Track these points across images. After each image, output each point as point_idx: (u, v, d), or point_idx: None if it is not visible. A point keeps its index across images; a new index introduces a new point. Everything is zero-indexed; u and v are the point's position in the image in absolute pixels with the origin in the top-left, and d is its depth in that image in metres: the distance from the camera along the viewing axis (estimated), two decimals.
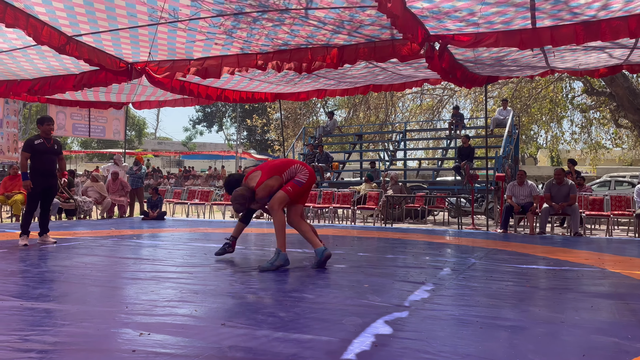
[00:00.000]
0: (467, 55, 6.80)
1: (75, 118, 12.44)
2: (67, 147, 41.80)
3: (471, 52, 6.53)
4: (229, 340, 2.33)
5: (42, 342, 2.24)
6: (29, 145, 5.92)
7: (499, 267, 4.73)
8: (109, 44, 6.35)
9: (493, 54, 6.70)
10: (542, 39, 5.41)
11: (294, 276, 4.07)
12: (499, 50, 6.46)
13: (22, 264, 4.47)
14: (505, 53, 6.65)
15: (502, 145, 12.34)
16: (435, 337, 2.44)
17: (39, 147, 5.94)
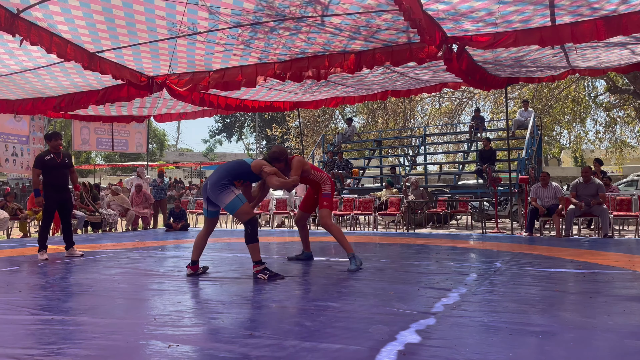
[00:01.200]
0: (486, 57, 6.74)
1: (99, 132, 12.68)
2: (92, 161, 42.62)
3: (490, 52, 6.46)
4: (257, 350, 2.33)
5: (74, 355, 2.28)
6: (40, 162, 6.04)
7: (526, 272, 4.65)
8: (130, 58, 6.47)
9: (512, 54, 6.62)
10: (563, 36, 5.32)
11: (318, 284, 4.06)
12: (519, 50, 6.38)
13: (50, 278, 4.56)
14: (524, 53, 6.57)
15: (524, 147, 12.17)
16: (464, 344, 2.40)
17: (50, 162, 6.06)
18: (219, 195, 4.34)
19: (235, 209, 4.33)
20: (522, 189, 10.20)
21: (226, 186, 4.35)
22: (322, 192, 5.09)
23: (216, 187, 4.34)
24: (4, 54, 6.30)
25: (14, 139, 11.66)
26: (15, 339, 2.58)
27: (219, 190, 4.34)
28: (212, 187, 4.35)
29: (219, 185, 4.34)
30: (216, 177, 4.39)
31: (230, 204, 4.32)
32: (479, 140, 14.07)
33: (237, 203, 4.33)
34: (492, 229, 9.81)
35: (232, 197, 4.33)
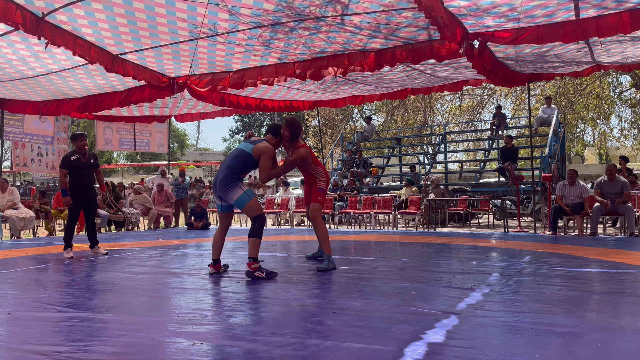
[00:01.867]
0: (508, 52, 6.65)
1: (121, 133, 12.88)
2: (114, 160, 43.31)
3: (512, 48, 6.37)
4: (280, 349, 2.34)
5: (101, 353, 2.32)
6: (66, 162, 6.15)
7: (550, 271, 4.58)
8: (152, 60, 6.56)
9: (535, 50, 6.52)
10: (587, 30, 5.21)
11: (339, 284, 4.06)
12: (542, 45, 6.28)
13: (76, 276, 4.64)
14: (548, 48, 6.46)
15: (547, 145, 11.97)
16: (489, 345, 2.38)
17: (76, 162, 6.16)
18: (227, 193, 4.37)
19: (244, 204, 4.36)
20: (546, 187, 10.04)
21: (233, 182, 4.38)
22: (317, 187, 5.03)
23: (224, 185, 4.37)
24: (30, 57, 6.44)
25: (39, 139, 11.92)
26: (44, 335, 2.63)
27: (227, 188, 4.36)
28: (221, 185, 4.38)
29: (226, 183, 4.37)
30: (222, 175, 4.39)
31: (238, 200, 4.35)
32: (500, 137, 13.89)
33: (245, 199, 4.36)
34: (515, 228, 9.68)
35: (239, 193, 4.36)
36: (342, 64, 6.20)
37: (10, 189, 9.52)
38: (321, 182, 5.06)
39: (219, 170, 4.52)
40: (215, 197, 4.58)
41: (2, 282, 4.38)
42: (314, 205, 5.00)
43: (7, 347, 2.43)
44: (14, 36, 5.67)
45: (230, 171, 4.40)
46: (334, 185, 13.36)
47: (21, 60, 6.55)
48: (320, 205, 5.02)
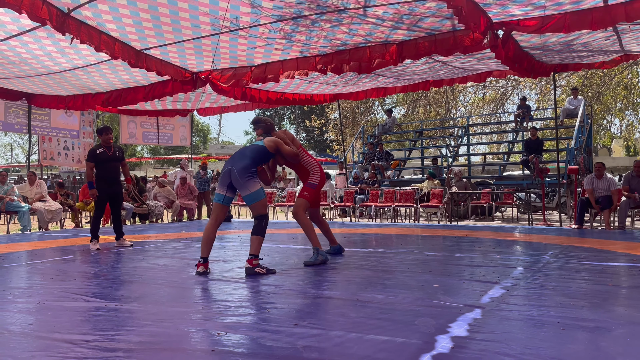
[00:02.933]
0: (534, 42, 6.51)
1: (145, 126, 13.05)
2: (138, 154, 43.96)
3: (538, 37, 6.24)
4: (303, 340, 2.35)
5: (128, 342, 2.36)
6: (92, 155, 6.25)
7: (577, 265, 4.49)
8: (175, 55, 6.61)
9: (561, 38, 6.37)
10: (616, 16, 5.06)
11: (361, 276, 4.06)
12: (568, 34, 6.14)
13: (102, 267, 4.74)
14: (574, 36, 6.30)
15: (573, 137, 11.72)
16: (514, 339, 2.35)
17: (102, 156, 6.24)
18: (247, 182, 4.27)
19: (258, 199, 4.30)
20: (572, 179, 9.85)
21: (254, 174, 4.34)
22: (308, 182, 4.93)
23: (246, 174, 4.28)
24: (56, 52, 6.56)
25: (66, 133, 12.15)
26: (72, 324, 2.70)
27: (248, 177, 4.28)
28: (242, 173, 4.27)
29: (249, 173, 4.30)
30: (244, 164, 4.31)
31: (255, 193, 4.28)
32: (525, 130, 13.65)
33: (261, 194, 4.32)
34: (539, 222, 9.53)
35: (258, 186, 4.33)
36: (364, 57, 6.15)
37: (38, 182, 9.75)
38: (314, 178, 4.94)
39: (233, 159, 4.41)
40: (222, 186, 4.39)
41: (31, 272, 4.50)
42: (298, 200, 4.91)
43: (37, 336, 2.49)
44: (41, 32, 5.78)
45: (252, 162, 4.37)
46: (355, 178, 13.33)
47: (47, 55, 6.67)
48: (306, 201, 4.90)
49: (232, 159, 4.44)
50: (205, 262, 4.28)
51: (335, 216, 12.62)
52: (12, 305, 3.19)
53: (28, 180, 9.70)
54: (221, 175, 4.42)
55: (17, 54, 6.59)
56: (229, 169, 4.34)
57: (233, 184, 4.34)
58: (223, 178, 4.39)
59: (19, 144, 48.52)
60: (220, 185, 4.41)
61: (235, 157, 4.43)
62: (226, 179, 4.36)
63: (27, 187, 9.59)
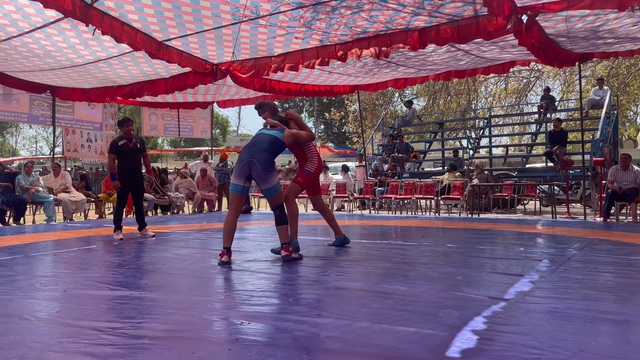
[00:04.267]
0: (559, 28, 6.35)
1: (166, 119, 13.17)
2: (159, 146, 44.45)
3: (563, 23, 6.08)
4: (326, 330, 2.34)
5: (153, 329, 2.38)
6: (114, 147, 6.30)
7: (603, 258, 4.40)
8: (196, 46, 6.63)
9: (587, 24, 6.19)
10: None
11: (382, 268, 4.03)
12: (594, 20, 5.97)
13: (126, 257, 4.80)
14: (601, 22, 6.13)
15: (599, 128, 11.46)
16: (541, 331, 2.30)
17: (123, 147, 6.30)
18: (269, 175, 4.30)
19: (276, 192, 4.36)
20: (597, 172, 9.64)
21: (273, 167, 4.38)
22: (304, 168, 4.89)
23: (267, 168, 4.30)
24: (79, 44, 6.63)
25: (89, 125, 12.33)
26: (98, 312, 2.73)
27: (269, 171, 4.31)
28: (264, 167, 4.28)
29: (269, 166, 4.32)
30: (265, 158, 4.32)
31: (275, 186, 4.33)
32: (548, 121, 13.40)
33: (279, 187, 4.39)
34: (563, 214, 9.36)
35: (276, 179, 4.38)
36: (384, 44, 6.05)
37: (63, 173, 9.92)
38: (310, 165, 4.90)
39: (252, 151, 4.37)
40: (240, 177, 4.37)
41: (57, 261, 4.58)
42: (291, 184, 4.88)
43: (64, 323, 2.53)
44: (64, 24, 5.84)
45: (271, 156, 4.39)
46: (375, 170, 13.27)
47: (71, 47, 6.75)
48: (298, 187, 4.87)
49: (251, 150, 4.39)
50: (228, 252, 4.31)
51: (354, 208, 12.58)
52: (39, 293, 3.25)
53: (53, 172, 9.88)
54: (240, 167, 4.38)
55: (41, 46, 6.68)
56: (249, 161, 4.32)
57: (252, 176, 4.34)
58: (242, 169, 4.36)
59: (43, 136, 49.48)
60: (238, 176, 4.39)
61: (254, 149, 4.38)
62: (246, 171, 4.35)
63: (52, 178, 9.76)
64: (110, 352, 2.06)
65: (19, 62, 7.56)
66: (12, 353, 2.07)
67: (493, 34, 5.51)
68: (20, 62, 7.56)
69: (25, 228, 8.03)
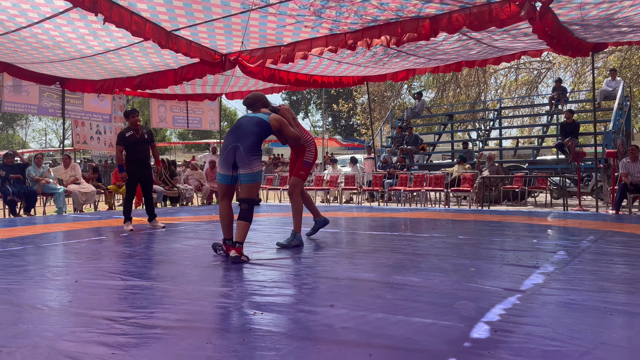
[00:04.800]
0: (572, 16, 6.23)
1: (174, 110, 13.15)
2: (167, 139, 44.59)
3: (577, 10, 5.96)
4: (339, 320, 2.31)
5: (166, 319, 2.36)
6: (122, 138, 6.26)
7: (618, 250, 4.33)
8: (205, 36, 6.59)
9: (602, 12, 6.08)
10: None
11: (394, 259, 3.99)
12: (609, 7, 5.86)
13: (137, 247, 4.79)
14: (616, 10, 6.01)
15: (611, 119, 11.31)
16: (560, 323, 2.25)
17: (131, 139, 6.26)
18: (252, 161, 3.96)
19: (256, 181, 4.01)
20: (609, 164, 9.52)
21: (260, 154, 4.05)
22: (303, 160, 4.80)
23: (252, 152, 3.97)
24: (89, 35, 6.60)
25: (98, 117, 12.34)
26: (110, 302, 2.72)
27: (254, 155, 3.98)
28: (248, 151, 3.95)
29: (255, 151, 4.00)
30: (251, 142, 3.97)
31: (256, 174, 4.00)
32: (560, 112, 13.24)
33: (260, 176, 4.07)
34: (574, 207, 9.26)
35: (260, 167, 4.05)
36: (395, 33, 5.96)
37: (73, 164, 9.94)
38: (309, 155, 4.82)
39: (237, 135, 4.03)
40: (226, 167, 4.05)
41: (68, 252, 4.58)
42: (294, 179, 4.83)
43: (77, 313, 2.52)
44: (74, 14, 5.81)
45: (258, 138, 4.03)
46: (384, 162, 13.19)
47: (80, 38, 6.73)
48: (301, 180, 4.82)
49: (235, 134, 4.05)
50: (231, 244, 4.05)
51: (362, 200, 12.54)
52: (51, 282, 3.25)
53: (63, 163, 9.91)
54: (224, 153, 4.05)
55: (50, 37, 6.66)
56: (233, 145, 4.00)
57: (236, 161, 4.02)
58: (227, 157, 4.03)
59: (52, 129, 49.74)
60: (224, 166, 4.07)
61: (239, 132, 4.05)
62: (230, 157, 4.03)
63: (62, 169, 9.79)
64: (124, 342, 2.04)
65: (28, 53, 7.56)
66: (24, 342, 2.06)
67: (506, 21, 5.41)
68: (29, 53, 7.56)
69: (35, 219, 8.06)
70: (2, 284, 3.19)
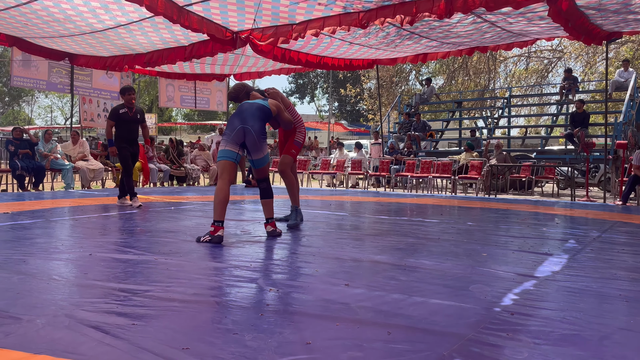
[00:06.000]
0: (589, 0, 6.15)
1: (182, 90, 13.09)
2: (173, 119, 44.51)
3: None
4: (355, 299, 2.32)
5: (183, 293, 2.37)
6: (115, 114, 6.17)
7: (629, 240, 4.32)
8: (217, 12, 6.52)
9: None
10: None
11: (405, 243, 3.99)
12: None
13: (148, 223, 4.80)
14: None
15: (622, 110, 11.21)
16: (576, 309, 2.25)
17: (123, 116, 6.16)
18: (262, 144, 4.08)
19: (266, 162, 4.18)
20: (619, 155, 9.45)
21: (266, 135, 4.16)
22: (294, 140, 4.83)
23: (262, 134, 4.06)
24: (100, 9, 6.55)
25: (106, 94, 12.31)
26: (126, 275, 2.73)
27: (264, 138, 4.09)
28: (259, 134, 4.03)
29: (263, 133, 4.09)
30: (259, 126, 4.06)
31: (266, 157, 4.15)
32: (570, 102, 13.13)
33: (269, 158, 4.22)
34: (582, 197, 9.23)
35: (267, 149, 4.18)
36: (410, 12, 5.88)
37: (81, 141, 9.95)
38: (299, 136, 4.86)
39: (244, 118, 4.06)
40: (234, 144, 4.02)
41: (79, 226, 4.60)
42: (285, 157, 4.83)
43: (94, 284, 2.53)
44: None
45: (263, 123, 4.13)
46: (391, 148, 13.15)
47: (92, 12, 6.67)
48: (292, 158, 4.85)
49: (243, 117, 4.07)
50: (223, 226, 3.89)
51: (369, 186, 12.53)
52: (65, 255, 3.26)
53: (72, 140, 9.91)
54: (234, 132, 4.03)
55: (62, 10, 6.61)
56: (243, 127, 4.01)
57: (246, 144, 4.05)
58: (237, 135, 4.02)
59: (58, 106, 49.68)
60: (232, 143, 4.02)
61: (244, 115, 4.08)
62: (240, 137, 4.02)
63: (70, 146, 9.80)
64: (143, 313, 2.05)
65: (38, 27, 7.51)
66: (44, 311, 2.07)
67: (522, 3, 5.33)
68: (40, 27, 7.51)
69: (44, 194, 8.09)
70: (18, 255, 3.21)
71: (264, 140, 4.10)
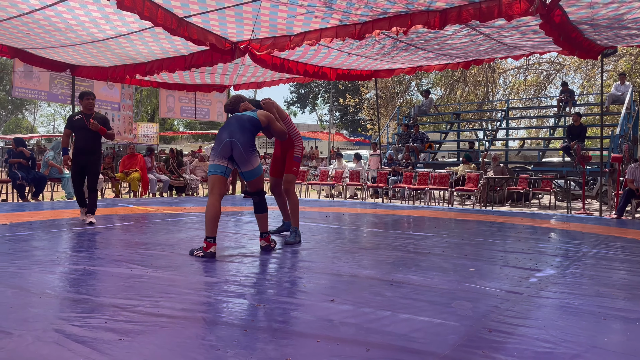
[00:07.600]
0: (582, 14, 6.24)
1: (183, 101, 13.23)
2: (175, 128, 44.69)
3: (587, 9, 5.98)
4: (339, 316, 2.38)
5: (171, 308, 2.44)
6: (69, 122, 5.83)
7: (619, 256, 4.38)
8: (216, 23, 6.65)
9: (611, 11, 6.09)
10: None
11: (395, 257, 4.05)
12: (618, 7, 5.88)
13: (143, 236, 4.87)
14: (626, 10, 6.03)
15: (619, 124, 11.29)
16: (554, 326, 2.31)
17: (77, 123, 5.74)
18: (250, 156, 4.06)
19: (258, 174, 4.16)
20: (615, 168, 9.52)
21: (255, 149, 4.15)
22: (294, 155, 4.82)
23: (249, 149, 4.05)
24: (101, 19, 6.67)
25: (107, 105, 12.44)
26: (117, 289, 2.79)
27: (252, 152, 4.08)
28: (246, 147, 4.02)
29: (252, 147, 4.08)
30: (247, 139, 4.05)
31: (257, 169, 4.12)
32: (567, 115, 13.22)
33: (261, 169, 4.20)
34: (578, 210, 9.28)
35: (258, 161, 4.16)
36: (405, 24, 6.00)
37: None
38: (297, 150, 4.85)
39: (232, 131, 4.05)
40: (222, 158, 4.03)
41: (75, 238, 4.67)
42: (288, 176, 4.82)
43: (85, 299, 2.59)
44: None
45: (252, 135, 4.12)
46: (389, 159, 13.23)
47: (92, 22, 6.79)
48: (294, 176, 4.85)
49: (230, 130, 4.07)
50: (215, 242, 3.91)
51: (367, 197, 12.59)
52: (59, 268, 3.33)
53: None
54: (221, 146, 4.04)
55: (63, 20, 6.73)
56: (230, 140, 4.01)
57: (234, 157, 4.05)
58: (224, 149, 4.02)
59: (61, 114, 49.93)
60: (219, 157, 4.04)
61: (232, 128, 4.08)
62: (227, 151, 4.02)
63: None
64: (130, 329, 2.12)
65: (40, 36, 7.63)
66: (34, 326, 2.13)
67: (515, 16, 5.43)
68: (42, 37, 7.63)
69: (43, 204, 8.17)
70: (13, 268, 3.28)
71: (252, 152, 4.08)
